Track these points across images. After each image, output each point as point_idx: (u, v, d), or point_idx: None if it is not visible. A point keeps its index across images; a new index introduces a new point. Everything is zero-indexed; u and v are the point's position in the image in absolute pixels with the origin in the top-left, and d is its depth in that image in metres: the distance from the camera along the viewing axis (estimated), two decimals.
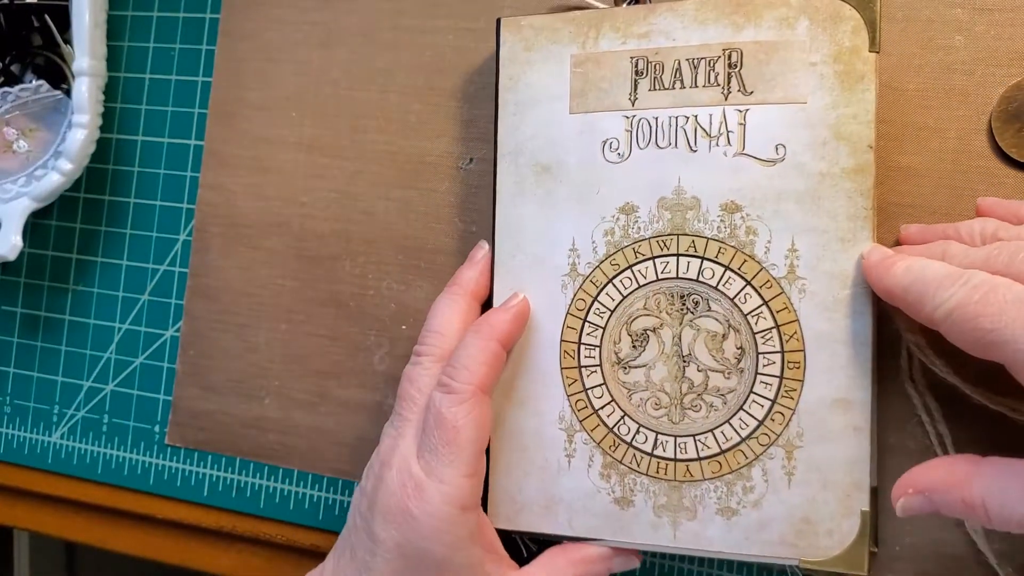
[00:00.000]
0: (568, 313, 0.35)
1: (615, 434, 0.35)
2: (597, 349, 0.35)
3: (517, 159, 0.36)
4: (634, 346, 0.35)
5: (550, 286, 0.36)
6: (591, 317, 0.35)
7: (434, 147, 0.41)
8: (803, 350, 0.33)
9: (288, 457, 0.43)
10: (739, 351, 0.33)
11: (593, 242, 0.35)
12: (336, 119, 0.43)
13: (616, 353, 0.35)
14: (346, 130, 0.43)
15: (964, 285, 0.27)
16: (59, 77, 0.46)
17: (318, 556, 0.43)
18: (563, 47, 0.36)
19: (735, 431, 0.33)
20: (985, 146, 0.34)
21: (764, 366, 0.33)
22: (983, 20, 0.34)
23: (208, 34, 0.45)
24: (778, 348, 0.33)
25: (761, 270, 0.33)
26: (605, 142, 0.35)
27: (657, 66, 0.34)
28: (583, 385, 0.35)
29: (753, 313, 0.33)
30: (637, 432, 0.34)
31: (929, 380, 0.34)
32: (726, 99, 0.34)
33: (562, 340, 0.35)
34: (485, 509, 0.36)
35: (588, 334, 0.35)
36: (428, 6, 0.42)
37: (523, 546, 0.39)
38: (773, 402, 0.33)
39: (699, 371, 0.34)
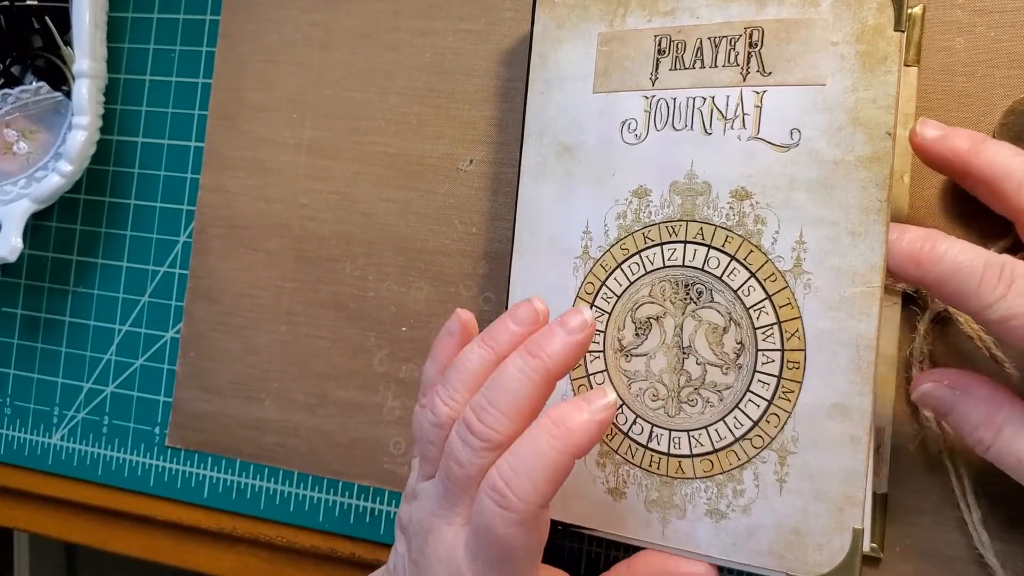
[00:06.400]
0: (577, 296, 0.35)
1: (613, 423, 0.34)
2: (602, 335, 0.34)
3: (541, 139, 0.36)
4: (637, 334, 0.34)
5: (562, 268, 0.35)
6: (598, 302, 0.35)
7: (434, 148, 0.41)
8: (804, 349, 0.31)
9: (288, 459, 0.43)
10: (739, 346, 0.32)
11: (605, 225, 0.34)
12: (336, 120, 0.43)
13: (620, 340, 0.34)
14: (346, 131, 0.43)
15: (1013, 288, 0.26)
16: (59, 79, 0.46)
17: (318, 558, 0.43)
18: (591, 25, 0.35)
19: (729, 430, 0.32)
20: None
21: (763, 364, 0.32)
22: (984, 22, 0.34)
23: (208, 36, 0.45)
24: (778, 346, 0.32)
25: (767, 262, 0.32)
26: (624, 123, 0.34)
27: (679, 45, 0.34)
28: (586, 370, 0.35)
29: (755, 307, 0.32)
30: (634, 423, 0.34)
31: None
32: (744, 80, 0.32)
33: None
34: None
35: (595, 318, 0.35)
36: (428, 8, 0.42)
37: None
38: (769, 403, 0.32)
39: (697, 364, 0.33)
